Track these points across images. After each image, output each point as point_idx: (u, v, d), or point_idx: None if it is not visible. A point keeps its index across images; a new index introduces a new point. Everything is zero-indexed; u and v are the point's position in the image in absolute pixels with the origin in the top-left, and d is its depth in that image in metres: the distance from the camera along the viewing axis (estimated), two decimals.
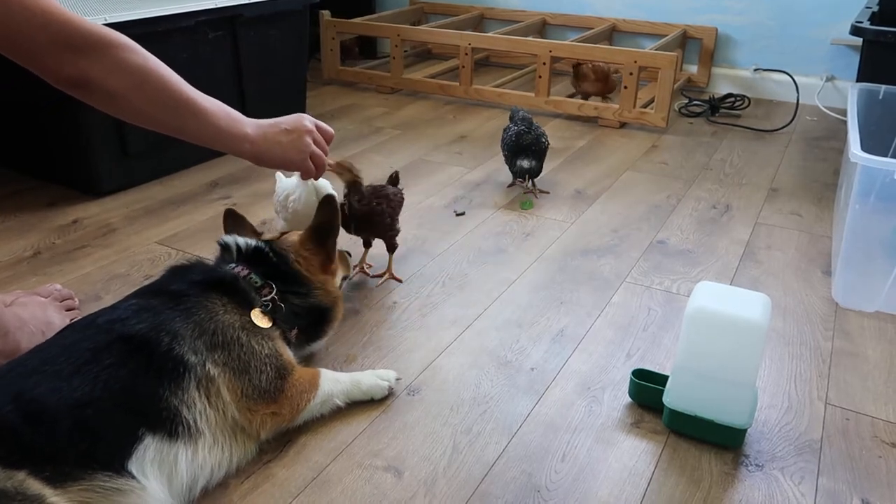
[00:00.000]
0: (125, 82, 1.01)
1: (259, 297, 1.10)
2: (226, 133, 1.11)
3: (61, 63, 0.96)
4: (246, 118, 1.15)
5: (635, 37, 3.03)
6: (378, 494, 0.97)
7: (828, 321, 1.38)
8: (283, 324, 1.11)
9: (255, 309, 1.07)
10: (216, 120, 1.10)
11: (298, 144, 1.17)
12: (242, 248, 1.17)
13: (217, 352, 0.98)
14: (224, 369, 0.98)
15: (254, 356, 1.02)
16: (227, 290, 1.07)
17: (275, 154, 1.16)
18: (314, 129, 1.21)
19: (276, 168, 1.22)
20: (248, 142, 1.13)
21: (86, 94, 1.01)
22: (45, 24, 0.94)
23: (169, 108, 1.06)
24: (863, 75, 1.98)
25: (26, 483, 0.77)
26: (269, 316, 1.09)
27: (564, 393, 1.17)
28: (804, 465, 1.03)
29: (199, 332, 0.98)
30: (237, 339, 1.01)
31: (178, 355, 0.94)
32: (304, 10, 2.31)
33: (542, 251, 1.64)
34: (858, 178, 1.34)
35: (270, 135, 1.15)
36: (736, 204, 1.90)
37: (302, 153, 1.18)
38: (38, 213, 1.78)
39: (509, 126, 1.96)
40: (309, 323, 1.18)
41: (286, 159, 1.18)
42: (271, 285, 1.12)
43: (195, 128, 1.09)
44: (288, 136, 1.17)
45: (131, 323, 0.95)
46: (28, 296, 1.29)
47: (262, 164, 1.18)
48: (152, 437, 0.89)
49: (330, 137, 1.25)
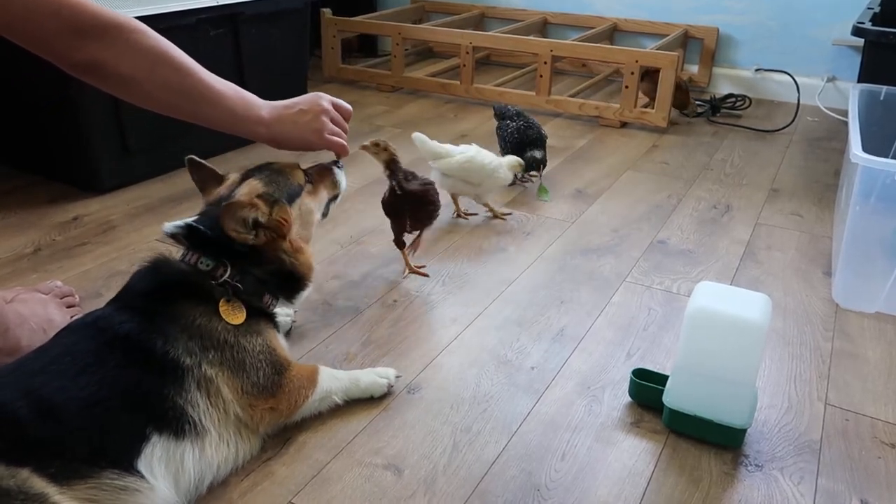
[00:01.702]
0: (138, 66, 1.00)
1: (215, 283, 1.02)
2: (241, 117, 1.10)
3: (74, 48, 0.96)
4: (261, 101, 1.14)
5: (636, 36, 3.02)
6: (378, 492, 0.97)
7: (828, 322, 1.39)
8: (251, 297, 1.05)
9: (220, 302, 1.01)
10: (231, 104, 1.09)
11: (315, 124, 1.16)
12: (182, 231, 1.05)
13: (210, 353, 0.98)
14: (221, 369, 0.98)
15: (247, 354, 1.01)
16: (189, 288, 1.01)
17: (291, 135, 1.15)
18: (330, 109, 1.19)
19: (293, 150, 1.19)
20: (263, 125, 1.12)
21: (99, 78, 1.01)
22: (57, 9, 0.93)
23: (182, 93, 1.05)
24: (864, 76, 1.98)
25: (30, 481, 0.77)
26: (237, 305, 1.02)
27: (564, 392, 1.18)
28: (804, 466, 1.03)
29: (189, 336, 0.97)
30: (226, 340, 0.99)
31: (175, 357, 0.94)
32: (305, 8, 2.31)
33: (543, 250, 1.64)
34: (859, 179, 1.34)
35: (286, 116, 1.15)
36: (736, 204, 1.90)
37: (317, 132, 1.17)
38: (39, 210, 1.78)
39: (506, 123, 1.97)
40: (279, 285, 1.10)
41: (303, 140, 1.17)
42: (225, 264, 1.03)
43: (209, 112, 1.08)
44: (304, 116, 1.16)
45: (128, 326, 0.95)
46: (28, 292, 1.29)
47: (280, 147, 1.17)
48: (159, 436, 0.89)
49: (348, 115, 1.24)
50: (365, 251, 1.62)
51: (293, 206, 1.10)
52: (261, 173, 1.11)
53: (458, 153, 1.72)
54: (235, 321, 1.01)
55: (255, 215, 1.03)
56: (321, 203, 1.20)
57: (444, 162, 1.70)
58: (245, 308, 1.03)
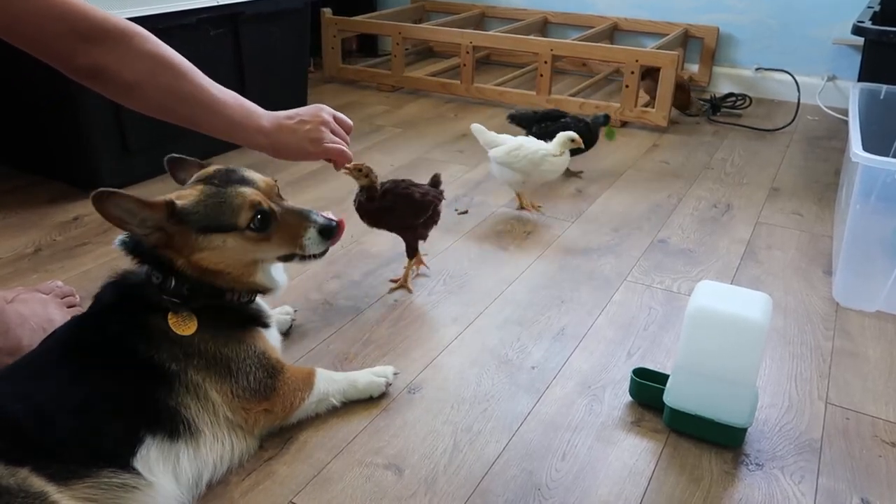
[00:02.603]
0: (139, 71, 1.00)
1: (164, 294, 0.98)
2: (240, 125, 1.10)
3: (76, 53, 0.96)
4: (262, 110, 1.14)
5: (637, 36, 3.02)
6: (379, 492, 0.97)
7: (828, 321, 1.39)
8: (203, 301, 1.00)
9: (169, 315, 0.97)
10: (231, 112, 1.09)
11: (314, 134, 1.16)
12: (124, 243, 1.01)
13: (195, 359, 0.97)
14: (207, 374, 0.98)
15: (232, 360, 1.00)
16: (148, 301, 0.98)
17: (290, 145, 1.15)
18: (331, 120, 1.19)
19: (292, 159, 1.18)
20: (262, 134, 1.12)
21: (101, 84, 1.01)
22: (61, 14, 0.93)
23: (183, 99, 1.05)
24: (864, 75, 1.98)
25: (29, 480, 0.78)
26: (186, 315, 0.98)
27: (565, 392, 1.18)
28: (804, 465, 1.03)
29: (172, 342, 0.96)
30: (206, 349, 0.98)
31: (161, 363, 0.95)
32: (306, 8, 2.31)
33: (543, 250, 1.64)
34: (859, 178, 1.34)
35: (286, 126, 1.14)
36: (737, 203, 1.90)
37: (316, 142, 1.16)
38: (39, 210, 1.78)
39: (568, 121, 2.01)
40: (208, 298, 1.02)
41: (302, 150, 1.16)
42: (168, 275, 0.99)
43: (209, 119, 1.08)
44: (303, 126, 1.15)
45: (115, 331, 0.96)
46: (29, 292, 1.29)
47: (278, 156, 1.16)
48: (153, 437, 0.90)
49: (349, 128, 1.24)
50: (365, 251, 1.62)
51: (208, 236, 0.98)
52: (210, 187, 1.00)
53: (513, 142, 1.77)
54: (186, 332, 0.97)
55: (146, 214, 0.95)
56: (269, 252, 1.05)
57: (494, 150, 1.78)
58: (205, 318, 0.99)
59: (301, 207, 1.08)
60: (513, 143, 1.76)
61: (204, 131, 1.10)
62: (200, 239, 0.98)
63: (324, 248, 1.08)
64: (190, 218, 0.97)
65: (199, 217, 0.98)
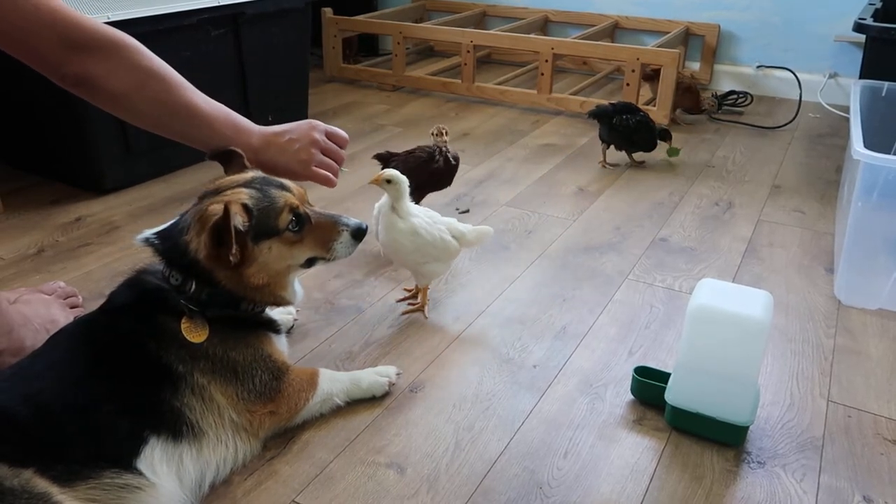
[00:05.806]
0: (128, 83, 1.01)
1: (182, 298, 0.98)
2: (228, 140, 1.10)
3: (65, 62, 0.97)
4: (253, 126, 1.13)
5: (637, 34, 3.02)
6: (381, 491, 0.97)
7: (830, 318, 1.38)
8: (218, 311, 1.00)
9: (182, 320, 0.97)
10: (220, 127, 1.09)
11: (302, 154, 1.15)
12: (150, 241, 1.01)
13: (201, 362, 0.98)
14: (213, 377, 0.98)
15: (238, 364, 1.00)
16: (164, 303, 0.97)
17: (279, 164, 1.14)
18: (321, 139, 1.18)
19: (278, 177, 1.11)
20: (251, 151, 1.11)
21: (89, 92, 1.01)
22: (52, 22, 0.94)
23: (171, 112, 1.05)
24: (866, 72, 1.98)
25: (33, 481, 0.78)
26: (199, 322, 0.97)
27: (567, 390, 1.18)
28: (806, 463, 1.03)
29: (179, 345, 0.96)
30: (214, 353, 0.99)
31: (168, 364, 0.95)
32: (307, 8, 2.31)
33: (545, 248, 1.64)
34: (861, 176, 1.34)
35: (275, 143, 1.14)
36: (738, 201, 1.90)
37: (304, 163, 1.15)
38: (42, 211, 1.78)
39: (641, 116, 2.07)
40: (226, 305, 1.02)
41: (289, 170, 1.15)
42: (190, 280, 0.98)
43: (195, 133, 1.08)
44: (292, 145, 1.15)
45: (121, 332, 0.96)
46: (32, 293, 1.30)
47: (266, 173, 1.16)
48: (157, 438, 0.91)
49: (344, 143, 1.22)
50: (367, 250, 1.62)
51: (259, 244, 0.98)
52: (254, 191, 1.00)
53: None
54: (196, 340, 0.96)
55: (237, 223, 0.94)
56: (300, 256, 1.05)
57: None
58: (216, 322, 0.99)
59: (329, 212, 1.09)
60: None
61: (191, 144, 1.11)
62: (255, 249, 0.98)
63: (353, 250, 1.09)
64: (250, 226, 0.96)
65: (254, 224, 0.97)
